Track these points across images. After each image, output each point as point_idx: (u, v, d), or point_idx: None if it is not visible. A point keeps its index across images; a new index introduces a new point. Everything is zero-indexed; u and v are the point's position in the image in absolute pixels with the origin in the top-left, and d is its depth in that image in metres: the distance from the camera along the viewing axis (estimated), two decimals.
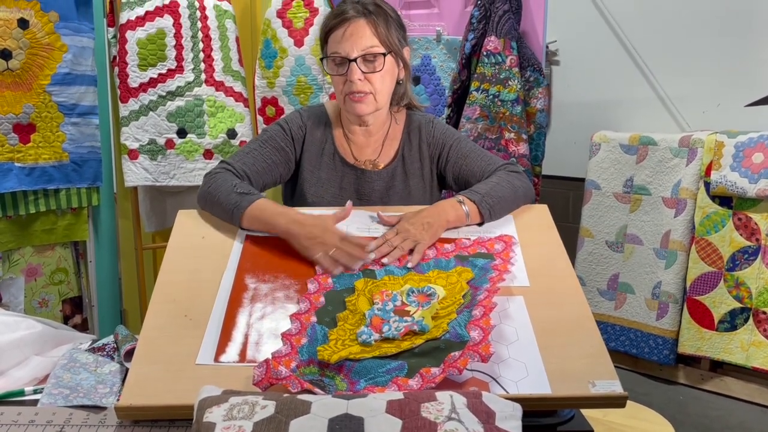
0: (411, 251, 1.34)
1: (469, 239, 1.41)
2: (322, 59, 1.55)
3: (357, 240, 1.34)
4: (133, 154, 2.42)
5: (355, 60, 1.47)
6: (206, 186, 1.47)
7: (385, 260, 1.31)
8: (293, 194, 1.65)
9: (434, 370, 1.05)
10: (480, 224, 1.46)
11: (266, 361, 1.04)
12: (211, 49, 2.51)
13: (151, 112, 2.43)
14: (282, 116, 1.68)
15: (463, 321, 1.14)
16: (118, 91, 2.41)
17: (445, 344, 1.09)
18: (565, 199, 3.32)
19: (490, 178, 1.53)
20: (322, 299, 1.25)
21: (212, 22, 2.51)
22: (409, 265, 1.31)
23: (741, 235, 2.57)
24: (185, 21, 2.46)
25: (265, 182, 1.57)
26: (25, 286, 2.30)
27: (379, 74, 1.50)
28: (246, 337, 1.17)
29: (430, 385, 1.02)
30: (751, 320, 2.57)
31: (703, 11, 2.87)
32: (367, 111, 1.53)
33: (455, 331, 1.11)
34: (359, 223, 1.47)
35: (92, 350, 1.29)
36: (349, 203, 1.44)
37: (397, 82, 1.60)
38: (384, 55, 1.50)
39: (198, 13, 2.48)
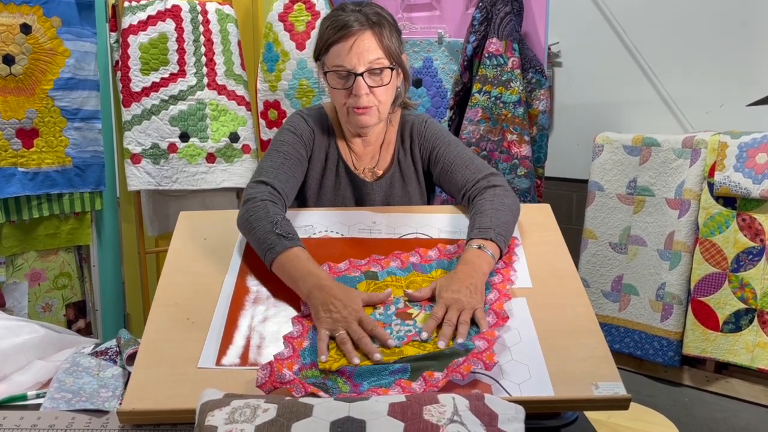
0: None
1: None
2: (325, 73, 1.49)
3: (375, 330, 1.15)
4: (135, 159, 2.43)
5: (361, 74, 1.44)
6: (248, 213, 1.35)
7: (459, 340, 1.13)
8: (296, 198, 1.64)
9: (437, 374, 1.04)
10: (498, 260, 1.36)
11: (269, 363, 1.04)
12: (213, 53, 2.52)
13: (153, 117, 2.44)
14: (286, 121, 1.64)
15: (469, 334, 1.14)
16: (121, 96, 2.41)
17: (450, 351, 1.09)
18: (569, 201, 3.32)
19: (483, 205, 1.42)
20: None
21: (214, 26, 2.51)
22: (483, 329, 1.15)
23: (745, 235, 2.56)
24: (187, 25, 2.46)
25: (294, 196, 1.52)
26: (28, 291, 2.31)
27: (385, 87, 1.48)
28: (248, 340, 1.16)
29: (433, 389, 1.02)
30: (756, 321, 2.56)
31: (706, 12, 2.86)
32: (371, 123, 1.52)
33: (460, 344, 1.11)
34: (361, 224, 1.47)
35: (95, 354, 1.29)
36: (388, 291, 1.26)
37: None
38: (391, 69, 1.47)
39: (200, 18, 2.48)
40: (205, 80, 2.51)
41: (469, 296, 1.20)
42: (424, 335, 1.14)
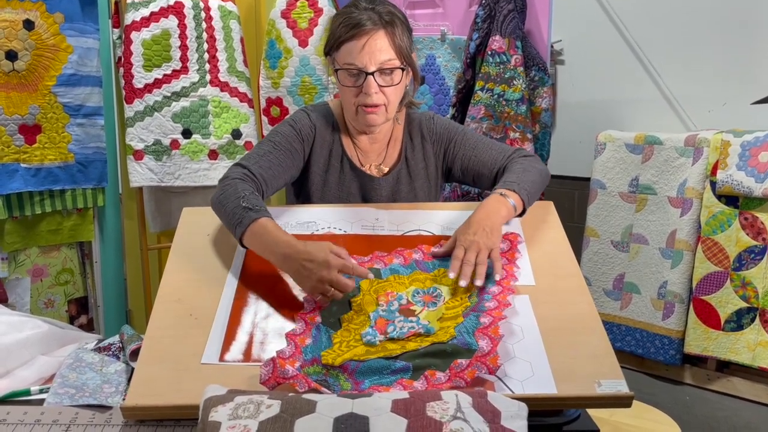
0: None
1: None
2: (336, 70, 1.49)
3: (355, 269, 1.22)
4: (138, 155, 2.43)
5: (372, 73, 1.44)
6: (218, 193, 1.39)
7: (477, 282, 1.23)
8: (299, 194, 1.64)
9: (440, 375, 1.04)
10: (520, 215, 1.44)
11: (273, 359, 1.04)
12: (216, 50, 2.51)
13: (156, 113, 2.44)
14: (288, 116, 1.64)
15: (471, 327, 1.13)
16: (123, 92, 2.41)
17: (452, 348, 1.09)
18: (571, 199, 3.31)
19: (513, 167, 1.52)
20: None
21: (217, 23, 2.51)
22: (497, 277, 1.25)
23: (747, 234, 2.56)
24: (190, 22, 2.46)
25: (278, 185, 1.53)
26: (30, 287, 2.31)
27: (395, 87, 1.48)
28: (251, 336, 1.17)
29: (435, 389, 1.02)
30: (757, 320, 2.56)
31: (709, 10, 2.85)
32: (379, 122, 1.52)
33: (463, 338, 1.10)
34: (364, 221, 1.47)
35: (98, 350, 1.30)
36: (365, 269, 1.28)
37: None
38: (402, 69, 1.48)
39: (203, 14, 2.48)
40: (208, 77, 2.51)
41: (486, 237, 1.29)
42: (452, 275, 1.24)
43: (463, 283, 1.23)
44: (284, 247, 1.25)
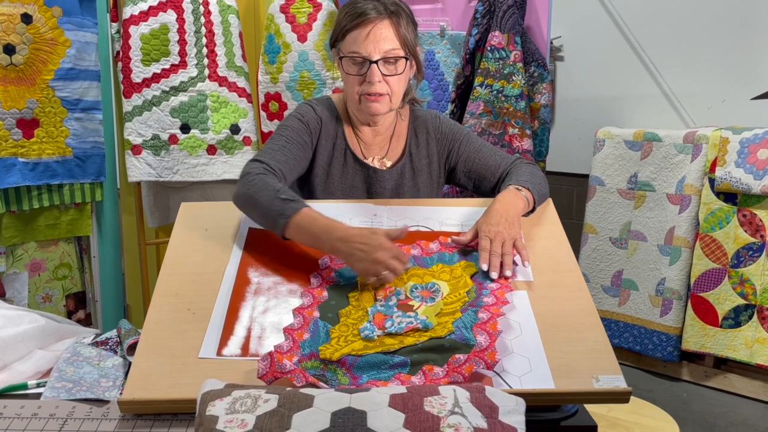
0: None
1: None
2: (341, 58, 1.51)
3: (402, 255, 1.25)
4: (136, 150, 2.42)
5: (376, 62, 1.45)
6: (246, 188, 1.37)
7: (507, 273, 1.27)
8: (303, 187, 1.64)
9: (438, 370, 1.04)
10: (528, 213, 1.45)
11: (270, 354, 1.04)
12: (215, 45, 2.51)
13: (154, 108, 2.43)
14: (295, 110, 1.62)
15: (469, 322, 1.13)
16: (122, 87, 2.40)
17: (450, 343, 1.09)
18: (569, 196, 3.32)
19: (519, 170, 1.54)
20: (325, 294, 1.25)
21: (216, 18, 2.50)
22: (526, 265, 1.29)
23: (746, 231, 2.56)
24: (189, 16, 2.45)
25: (293, 179, 1.53)
26: (28, 281, 2.31)
27: (398, 76, 1.49)
28: (249, 331, 1.17)
29: (433, 384, 1.02)
30: (755, 317, 2.57)
31: (709, 7, 2.85)
32: (382, 111, 1.52)
33: (461, 334, 1.10)
34: (362, 216, 1.47)
35: (95, 344, 1.30)
36: (405, 226, 1.35)
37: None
38: (406, 59, 1.49)
39: (201, 9, 2.47)
40: (206, 72, 2.50)
41: (509, 227, 1.32)
42: (484, 267, 1.26)
43: (493, 275, 1.25)
44: (338, 231, 1.26)
